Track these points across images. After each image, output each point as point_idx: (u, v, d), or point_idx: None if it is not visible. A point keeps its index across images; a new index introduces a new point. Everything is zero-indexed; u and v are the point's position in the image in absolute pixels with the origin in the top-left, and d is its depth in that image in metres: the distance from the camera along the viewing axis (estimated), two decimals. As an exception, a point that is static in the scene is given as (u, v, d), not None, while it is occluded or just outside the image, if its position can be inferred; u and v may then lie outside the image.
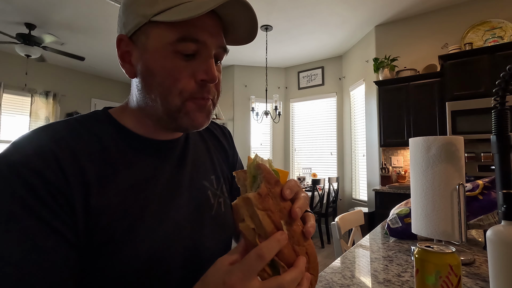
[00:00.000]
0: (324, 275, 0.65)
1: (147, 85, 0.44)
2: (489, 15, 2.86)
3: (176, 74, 0.42)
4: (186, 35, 0.42)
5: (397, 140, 3.08)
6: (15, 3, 2.99)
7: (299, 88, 4.93)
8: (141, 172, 0.46)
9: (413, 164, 0.75)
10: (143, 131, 0.49)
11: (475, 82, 2.63)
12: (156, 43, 0.42)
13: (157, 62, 0.43)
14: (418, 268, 0.45)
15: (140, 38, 0.44)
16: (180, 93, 0.43)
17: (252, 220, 0.33)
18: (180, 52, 0.42)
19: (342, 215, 1.17)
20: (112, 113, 0.50)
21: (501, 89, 0.49)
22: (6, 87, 4.25)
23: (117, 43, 0.46)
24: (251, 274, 0.30)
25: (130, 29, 0.44)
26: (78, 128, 0.44)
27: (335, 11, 3.18)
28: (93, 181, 0.40)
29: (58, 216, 0.36)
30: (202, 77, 0.44)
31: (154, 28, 0.42)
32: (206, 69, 0.44)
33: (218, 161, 0.62)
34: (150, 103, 0.45)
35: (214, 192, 0.56)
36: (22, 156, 0.37)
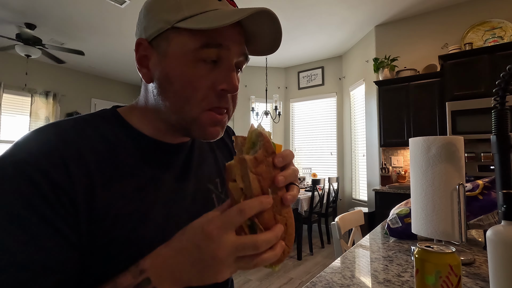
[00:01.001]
0: (324, 275, 0.65)
1: (164, 92, 0.43)
2: (489, 15, 2.86)
3: (195, 83, 0.42)
4: (209, 41, 0.41)
5: (397, 140, 3.08)
6: (16, 3, 2.99)
7: (299, 88, 4.93)
8: (147, 175, 0.46)
9: (413, 164, 0.75)
10: (152, 132, 0.48)
11: (475, 82, 2.63)
12: (178, 50, 0.42)
13: (177, 69, 0.42)
14: (418, 268, 0.45)
15: (161, 43, 0.43)
16: (198, 103, 0.42)
17: (243, 181, 0.34)
18: (202, 60, 0.41)
19: (342, 215, 1.17)
20: (121, 113, 0.49)
21: (501, 89, 0.49)
22: (6, 87, 4.25)
23: (136, 46, 0.45)
24: (230, 226, 0.32)
25: (151, 33, 0.43)
26: (85, 127, 0.43)
27: (335, 11, 3.18)
28: (98, 183, 0.40)
29: (62, 217, 0.36)
30: (223, 86, 0.42)
31: (177, 34, 0.42)
32: (227, 78, 0.42)
33: (222, 163, 0.61)
34: (164, 109, 0.44)
35: (218, 196, 0.56)
36: (28, 154, 0.37)
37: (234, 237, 0.32)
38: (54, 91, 4.74)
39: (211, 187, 0.56)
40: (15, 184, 0.35)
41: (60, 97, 4.82)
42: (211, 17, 0.40)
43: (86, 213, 0.38)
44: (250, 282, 2.60)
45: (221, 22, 0.38)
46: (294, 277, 2.72)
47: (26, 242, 0.33)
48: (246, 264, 0.33)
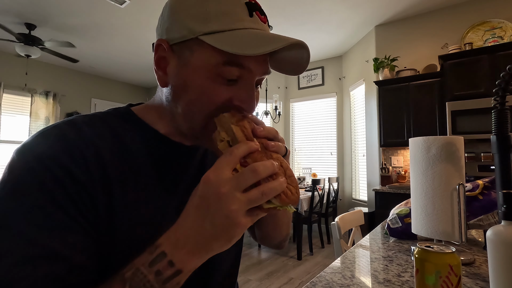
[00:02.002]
0: (324, 275, 0.65)
1: (178, 99, 0.43)
2: (489, 15, 2.86)
3: (213, 97, 0.41)
4: (232, 59, 0.39)
5: (397, 140, 3.08)
6: (15, 3, 2.99)
7: (299, 88, 4.93)
8: (162, 177, 0.45)
9: (413, 164, 0.75)
10: (168, 132, 0.48)
11: (475, 82, 2.63)
12: (200, 62, 0.40)
13: (197, 80, 0.41)
14: (418, 268, 0.45)
15: (183, 50, 0.42)
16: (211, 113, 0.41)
17: (227, 135, 0.37)
18: (222, 76, 0.40)
19: (342, 215, 1.17)
20: (135, 111, 0.48)
21: (501, 89, 0.49)
22: (6, 87, 4.25)
23: (155, 47, 0.43)
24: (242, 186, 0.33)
25: (173, 38, 0.42)
26: (101, 126, 0.43)
27: (335, 11, 3.18)
28: (115, 183, 0.40)
29: (84, 214, 0.37)
30: (240, 104, 0.42)
31: (201, 45, 0.40)
32: (246, 98, 0.42)
33: None
34: (176, 115, 0.45)
35: None
36: (50, 149, 0.37)
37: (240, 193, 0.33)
38: (54, 91, 4.74)
39: None
40: (39, 179, 0.35)
41: (60, 97, 4.82)
42: (240, 41, 0.38)
43: (105, 212, 0.39)
44: (250, 282, 2.60)
45: (250, 51, 0.37)
46: (294, 277, 2.71)
47: (53, 236, 0.34)
48: (256, 199, 0.33)
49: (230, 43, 0.38)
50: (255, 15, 0.41)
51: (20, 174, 0.35)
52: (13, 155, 0.38)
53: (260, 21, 0.42)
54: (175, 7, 0.42)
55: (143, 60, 4.62)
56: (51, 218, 0.34)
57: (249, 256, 3.31)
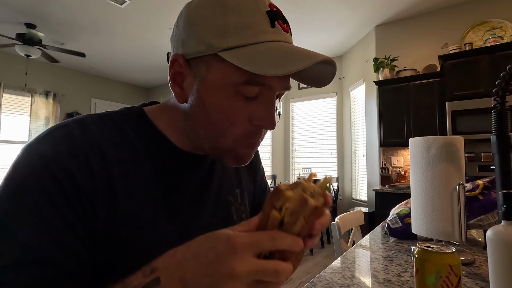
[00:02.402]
0: (324, 275, 0.65)
1: (198, 119, 0.42)
2: (489, 15, 2.86)
3: (233, 116, 0.39)
4: (253, 79, 0.37)
5: (397, 140, 3.08)
6: (15, 3, 2.99)
7: (299, 88, 4.93)
8: (169, 184, 0.45)
9: (413, 164, 0.75)
10: (178, 139, 0.47)
11: (475, 82, 2.63)
12: (218, 79, 0.39)
13: (215, 99, 0.39)
14: (418, 268, 0.45)
15: (199, 66, 0.40)
16: (234, 137, 0.41)
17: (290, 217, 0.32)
18: (241, 94, 0.39)
19: (342, 215, 1.17)
20: (148, 113, 0.47)
21: (501, 89, 0.49)
22: (6, 87, 4.25)
23: (171, 62, 0.42)
24: (257, 247, 0.29)
25: (190, 53, 0.40)
26: (111, 128, 0.42)
27: (335, 11, 3.18)
28: (120, 189, 0.39)
29: (82, 220, 0.36)
30: (260, 123, 0.40)
31: (219, 62, 0.38)
32: (266, 116, 0.40)
33: (243, 174, 0.60)
34: (195, 133, 0.43)
35: (237, 208, 0.55)
36: (55, 150, 0.36)
37: (257, 259, 0.30)
38: (54, 91, 4.74)
39: (231, 199, 0.54)
40: (41, 181, 0.35)
41: (60, 97, 4.82)
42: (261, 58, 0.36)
43: (105, 219, 0.38)
44: (250, 282, 2.60)
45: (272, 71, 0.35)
46: (294, 277, 2.71)
47: (48, 241, 0.33)
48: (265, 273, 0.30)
49: (251, 61, 0.36)
50: (277, 24, 0.39)
51: (22, 175, 0.35)
52: (20, 152, 0.37)
53: (283, 30, 0.40)
54: (192, 18, 0.40)
55: (143, 60, 4.62)
56: (48, 223, 0.34)
57: (249, 256, 3.31)
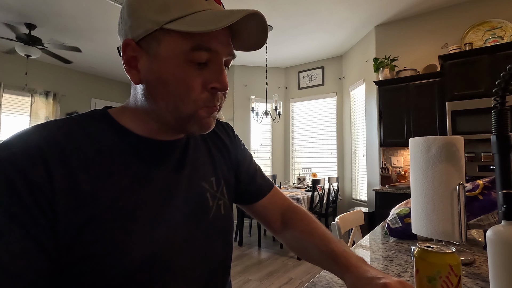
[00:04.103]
0: (324, 275, 0.65)
1: (156, 93, 0.44)
2: (489, 15, 2.86)
3: (189, 83, 0.42)
4: (200, 44, 0.41)
5: (397, 140, 3.08)
6: (15, 3, 2.99)
7: (299, 88, 4.93)
8: (137, 173, 0.46)
9: (413, 164, 0.75)
10: (144, 131, 0.48)
11: (475, 82, 2.63)
12: (169, 51, 0.42)
13: (170, 70, 0.42)
14: (418, 268, 0.45)
15: (150, 44, 0.42)
16: (193, 102, 0.43)
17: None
18: (193, 61, 0.42)
19: (342, 215, 1.17)
20: (111, 113, 0.49)
21: (501, 89, 0.49)
22: (6, 87, 4.25)
23: (123, 47, 0.44)
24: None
25: (139, 34, 0.42)
26: (74, 127, 0.43)
27: (335, 11, 3.18)
28: (84, 182, 0.40)
29: (35, 218, 0.36)
30: (214, 85, 0.44)
31: (167, 35, 0.41)
32: (218, 78, 0.44)
33: (219, 162, 0.60)
34: (157, 109, 0.45)
35: (213, 194, 0.55)
36: (10, 153, 0.37)
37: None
38: (54, 91, 4.74)
39: (206, 185, 0.55)
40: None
41: (60, 97, 4.82)
42: (201, 20, 0.40)
43: (67, 214, 0.38)
44: (250, 282, 2.60)
45: (213, 26, 0.39)
46: (294, 277, 2.71)
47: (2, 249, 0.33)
48: None
49: (194, 24, 0.40)
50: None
51: None
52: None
53: (215, 2, 0.45)
54: (134, 5, 0.43)
55: (143, 60, 4.62)
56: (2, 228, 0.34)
57: (249, 256, 3.31)
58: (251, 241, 3.88)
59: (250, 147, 4.93)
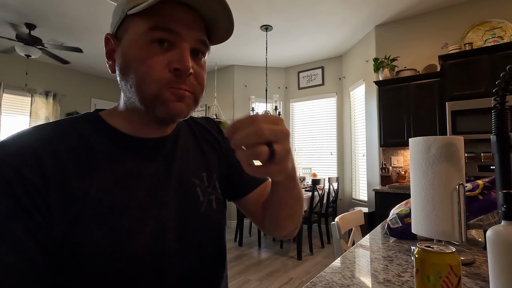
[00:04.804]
0: (324, 275, 0.65)
1: (124, 76, 0.46)
2: (489, 15, 2.86)
3: (150, 62, 0.43)
4: (157, 24, 0.43)
5: (397, 140, 3.08)
6: (15, 3, 2.99)
7: (299, 88, 4.93)
8: (126, 168, 0.47)
9: (413, 164, 0.75)
10: (131, 130, 0.50)
11: (475, 82, 2.63)
12: (133, 35, 0.45)
13: (133, 51, 0.44)
14: (418, 268, 0.45)
15: (122, 33, 0.46)
16: (155, 81, 0.43)
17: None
18: (154, 42, 0.43)
19: (342, 215, 1.17)
20: (102, 115, 0.51)
21: (501, 89, 0.49)
22: (6, 87, 4.25)
23: (104, 42, 0.48)
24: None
25: (114, 26, 0.47)
26: (65, 128, 0.46)
27: (335, 11, 3.18)
28: (75, 177, 0.42)
29: (31, 213, 0.38)
30: (176, 65, 0.44)
31: (131, 21, 0.45)
32: (179, 58, 0.44)
33: (211, 158, 0.61)
34: (129, 95, 0.46)
35: (204, 190, 0.56)
36: (5, 154, 0.39)
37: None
38: (54, 91, 4.74)
39: (196, 181, 0.56)
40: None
41: (60, 97, 4.82)
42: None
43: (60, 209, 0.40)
44: (250, 282, 2.60)
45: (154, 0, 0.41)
46: (294, 277, 2.71)
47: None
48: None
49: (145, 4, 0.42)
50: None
51: None
52: None
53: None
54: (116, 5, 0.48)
55: (143, 60, 4.61)
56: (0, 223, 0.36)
57: (249, 256, 3.31)
58: (251, 241, 3.88)
59: (250, 147, 4.92)
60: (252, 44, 4.07)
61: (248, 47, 4.18)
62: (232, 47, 4.18)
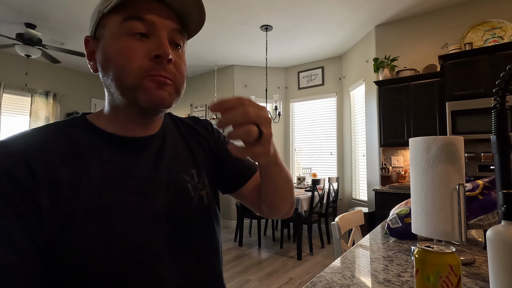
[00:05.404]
0: (324, 275, 0.65)
1: (105, 70, 0.47)
2: (489, 15, 2.86)
3: (129, 53, 0.44)
4: (130, 14, 0.45)
5: (397, 140, 3.08)
6: (15, 3, 2.99)
7: (299, 88, 4.93)
8: (116, 167, 0.48)
9: (413, 164, 0.75)
10: (118, 130, 0.51)
11: (475, 82, 2.63)
12: (110, 30, 0.46)
13: (112, 46, 0.46)
14: (418, 268, 0.45)
15: (100, 32, 0.48)
16: (135, 71, 0.44)
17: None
18: (131, 34, 0.45)
19: (342, 215, 1.17)
20: (89, 118, 0.52)
21: (501, 89, 0.49)
22: (6, 87, 4.25)
23: (84, 45, 0.50)
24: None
25: (92, 28, 0.49)
26: (53, 131, 0.47)
27: (335, 11, 3.18)
28: (65, 177, 0.42)
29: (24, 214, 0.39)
30: (155, 52, 0.45)
31: (108, 19, 0.47)
32: (158, 45, 0.45)
33: (199, 155, 0.62)
34: (112, 90, 0.47)
35: (195, 186, 0.57)
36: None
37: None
38: (54, 91, 4.74)
39: (186, 177, 0.56)
40: None
41: (60, 97, 4.82)
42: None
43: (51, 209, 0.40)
44: (250, 282, 2.61)
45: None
46: (294, 277, 2.72)
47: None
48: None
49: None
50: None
51: None
52: None
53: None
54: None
55: (143, 60, 4.61)
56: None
57: (249, 256, 3.31)
58: (251, 241, 3.88)
59: (250, 147, 4.92)
60: (252, 44, 4.07)
61: (248, 47, 4.18)
62: (232, 47, 4.18)
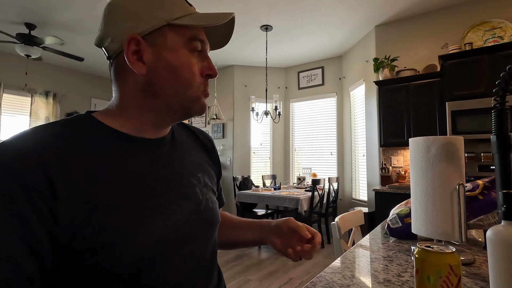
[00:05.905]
0: (324, 275, 0.65)
1: (165, 80, 0.49)
2: (489, 15, 2.86)
3: (192, 69, 0.50)
4: (194, 35, 0.50)
5: (397, 140, 3.08)
6: (15, 3, 2.99)
7: (299, 88, 4.93)
8: (130, 168, 0.47)
9: (413, 164, 0.75)
10: (129, 130, 0.50)
11: (475, 82, 2.63)
12: (175, 42, 0.49)
13: (178, 58, 0.49)
14: (418, 268, 0.45)
15: (155, 38, 0.48)
16: (197, 86, 0.51)
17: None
18: (192, 50, 0.50)
19: (342, 215, 1.17)
20: (95, 116, 0.50)
21: (501, 89, 0.49)
22: (6, 87, 4.25)
23: (127, 42, 0.47)
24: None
25: (145, 30, 0.47)
26: (62, 131, 0.44)
27: (335, 11, 3.18)
28: (82, 180, 0.41)
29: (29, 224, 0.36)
30: (208, 72, 0.52)
31: (170, 30, 0.48)
32: (210, 65, 0.52)
33: (203, 160, 0.64)
34: (160, 95, 0.49)
35: (201, 189, 0.58)
36: (4, 158, 0.37)
37: None
38: (54, 91, 4.74)
39: (194, 181, 0.57)
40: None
41: (60, 97, 4.82)
42: (200, 17, 0.49)
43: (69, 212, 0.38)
44: (250, 282, 2.60)
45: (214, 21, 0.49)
46: (294, 277, 2.71)
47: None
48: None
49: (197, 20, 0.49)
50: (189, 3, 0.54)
51: None
52: None
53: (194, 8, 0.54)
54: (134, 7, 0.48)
55: (143, 60, 4.61)
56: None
57: (249, 256, 3.31)
58: (251, 241, 3.88)
59: (250, 147, 4.93)
60: (252, 44, 4.07)
61: (248, 47, 4.18)
62: (232, 47, 4.18)
